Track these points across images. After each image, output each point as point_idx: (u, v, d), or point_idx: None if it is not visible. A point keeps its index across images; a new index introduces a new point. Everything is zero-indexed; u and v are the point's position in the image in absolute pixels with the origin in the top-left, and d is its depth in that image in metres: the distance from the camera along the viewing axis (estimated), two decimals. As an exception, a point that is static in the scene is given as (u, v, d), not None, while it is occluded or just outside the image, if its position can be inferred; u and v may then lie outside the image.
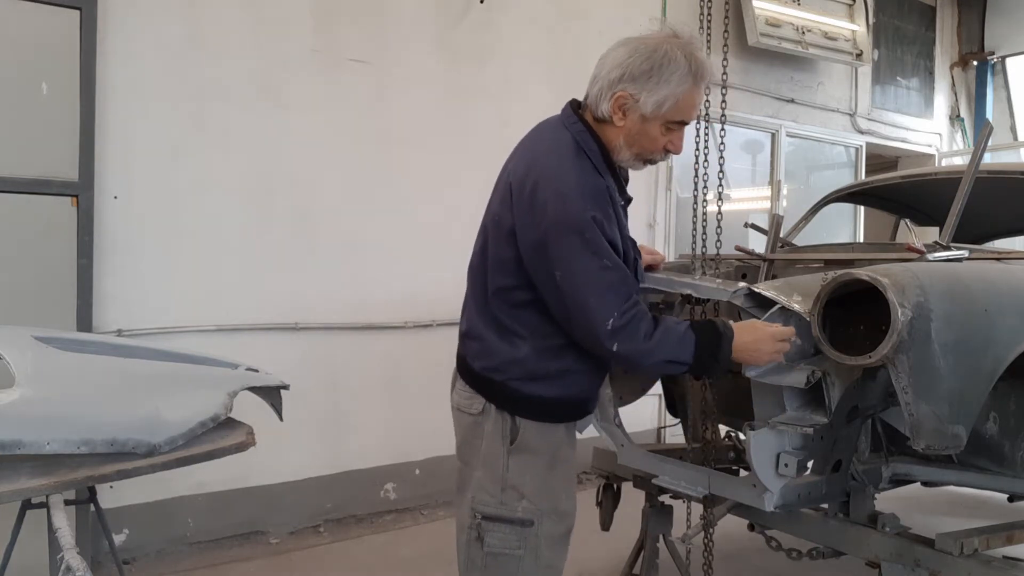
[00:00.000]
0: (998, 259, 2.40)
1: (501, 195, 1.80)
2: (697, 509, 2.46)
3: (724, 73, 2.38)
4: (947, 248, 2.32)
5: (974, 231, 3.44)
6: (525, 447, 1.79)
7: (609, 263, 1.66)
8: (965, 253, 2.32)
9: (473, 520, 1.80)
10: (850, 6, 6.36)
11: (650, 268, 2.22)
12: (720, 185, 2.42)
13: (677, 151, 1.80)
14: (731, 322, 1.77)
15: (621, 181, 1.85)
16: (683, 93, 1.70)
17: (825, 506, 2.25)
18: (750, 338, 1.74)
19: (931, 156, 7.53)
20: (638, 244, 2.17)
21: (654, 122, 1.73)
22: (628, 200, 1.89)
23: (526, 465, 1.79)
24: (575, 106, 1.82)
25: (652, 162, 1.84)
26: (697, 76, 1.71)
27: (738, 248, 2.94)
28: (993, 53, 7.62)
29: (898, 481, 2.41)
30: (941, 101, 7.62)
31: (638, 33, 1.81)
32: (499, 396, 1.81)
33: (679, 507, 2.69)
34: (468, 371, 1.87)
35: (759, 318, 1.86)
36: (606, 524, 2.90)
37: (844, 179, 6.72)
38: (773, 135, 6.26)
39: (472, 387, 1.86)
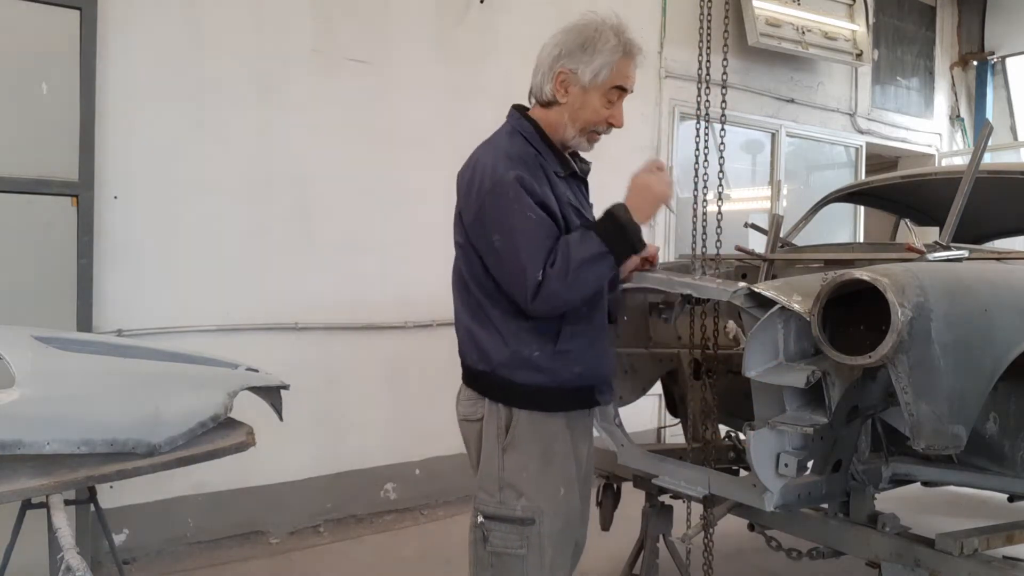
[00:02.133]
0: (998, 259, 2.40)
1: (457, 191, 1.90)
2: (697, 509, 2.46)
3: (724, 73, 2.38)
4: (947, 248, 2.32)
5: (974, 231, 3.44)
6: (518, 442, 1.80)
7: (534, 215, 1.72)
8: (965, 253, 2.32)
9: (476, 520, 1.82)
10: (850, 6, 6.36)
11: (647, 263, 2.21)
12: (720, 185, 2.42)
13: (619, 124, 1.89)
14: (615, 205, 1.81)
15: (566, 158, 1.92)
16: (616, 61, 1.82)
17: (825, 506, 2.25)
18: (636, 191, 1.82)
19: (931, 156, 7.53)
20: None
21: (594, 92, 1.83)
22: (575, 174, 1.94)
23: (520, 462, 1.80)
24: (518, 107, 1.96)
25: (596, 137, 1.91)
26: (627, 48, 1.84)
27: (738, 248, 2.94)
28: (993, 53, 7.62)
29: (898, 481, 2.41)
30: (941, 101, 7.62)
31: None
32: (492, 388, 1.83)
33: (679, 507, 2.69)
34: (467, 371, 1.90)
35: (759, 318, 1.86)
36: (606, 524, 2.90)
37: (844, 179, 6.71)
38: (773, 135, 6.26)
39: (472, 387, 1.88)
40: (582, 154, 2.00)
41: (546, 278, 1.68)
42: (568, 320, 1.80)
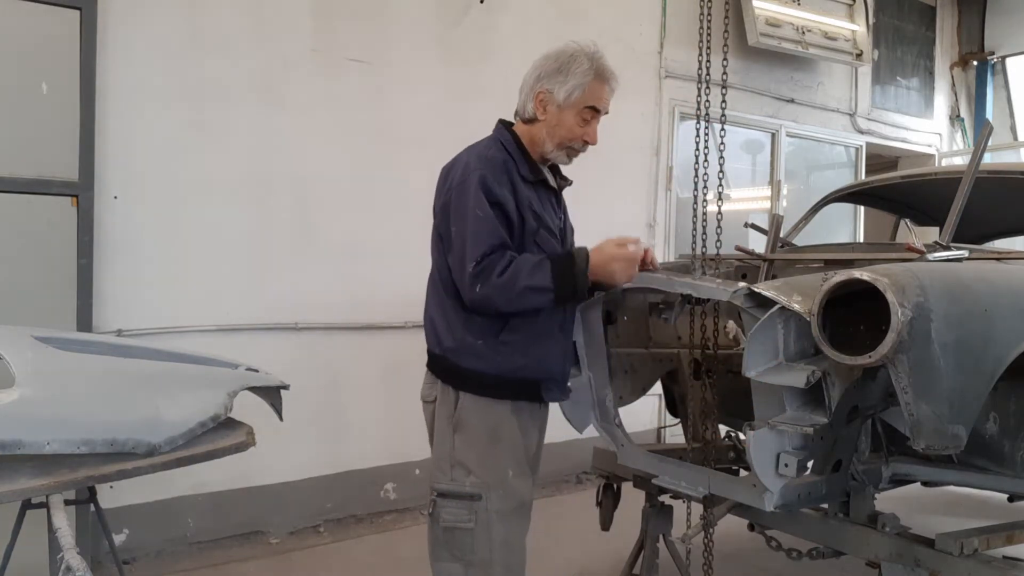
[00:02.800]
0: (998, 259, 2.40)
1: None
2: (697, 509, 2.46)
3: (724, 73, 2.38)
4: (947, 248, 2.32)
5: (974, 231, 3.44)
6: (464, 422, 1.94)
7: (481, 213, 1.87)
8: (965, 253, 2.32)
9: (430, 497, 1.95)
10: (850, 6, 6.36)
11: (645, 265, 2.21)
12: (720, 185, 2.42)
13: (593, 141, 2.06)
14: (585, 249, 1.95)
15: (541, 170, 2.08)
16: (588, 83, 1.99)
17: (825, 506, 2.25)
18: (602, 258, 1.92)
19: (931, 156, 7.53)
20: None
21: (568, 111, 2.00)
22: (544, 182, 2.07)
23: (468, 441, 1.93)
24: (504, 122, 2.13)
25: (574, 152, 2.08)
26: (598, 72, 2.00)
27: (738, 248, 2.94)
28: (993, 53, 7.62)
29: (898, 481, 2.41)
30: (941, 101, 7.62)
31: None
32: (443, 371, 1.98)
33: (679, 507, 2.69)
34: (428, 354, 2.06)
35: (759, 318, 1.86)
36: (606, 524, 2.90)
37: (844, 179, 6.71)
38: (773, 135, 6.26)
39: (430, 371, 2.04)
40: (564, 172, 2.19)
41: (486, 281, 1.82)
42: (514, 314, 1.92)
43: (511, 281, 1.82)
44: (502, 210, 1.90)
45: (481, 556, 1.91)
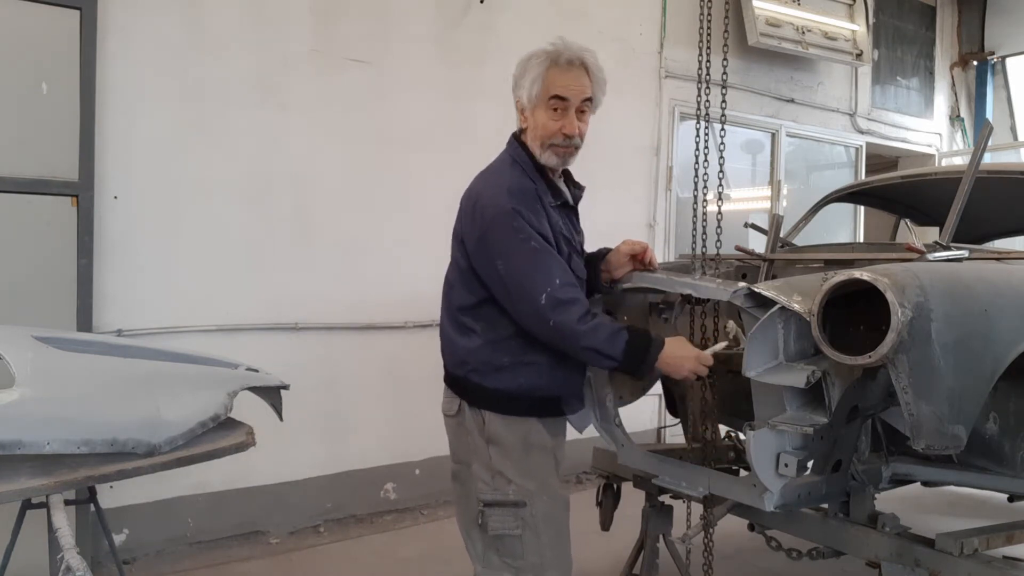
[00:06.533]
0: (998, 259, 2.40)
1: (458, 213, 2.04)
2: (697, 509, 2.46)
3: (724, 73, 2.38)
4: (947, 248, 2.32)
5: (974, 231, 3.44)
6: (496, 435, 1.95)
7: (537, 245, 1.88)
8: (965, 253, 2.32)
9: (478, 507, 1.95)
10: (850, 6, 6.36)
11: (644, 265, 2.22)
12: (720, 185, 2.42)
13: (571, 131, 1.97)
14: (662, 336, 1.97)
15: (558, 186, 2.06)
16: (542, 73, 1.95)
17: (825, 506, 2.25)
18: (677, 352, 1.95)
19: (931, 156, 7.53)
20: (627, 239, 2.22)
21: (538, 109, 1.97)
22: (566, 203, 2.07)
23: (503, 451, 1.95)
24: (517, 134, 2.08)
25: (563, 150, 1.99)
26: (553, 59, 1.95)
27: (738, 248, 2.94)
28: (993, 53, 7.62)
29: (898, 481, 2.41)
30: (941, 101, 7.61)
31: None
32: (466, 391, 1.99)
33: (679, 507, 2.69)
34: (446, 374, 2.07)
35: (759, 318, 1.86)
36: (606, 524, 2.90)
37: (844, 179, 6.71)
38: (773, 135, 6.26)
39: (451, 388, 2.05)
40: (576, 178, 2.13)
41: (561, 316, 1.83)
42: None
43: (587, 335, 1.84)
44: (545, 240, 1.91)
45: (531, 561, 1.93)
